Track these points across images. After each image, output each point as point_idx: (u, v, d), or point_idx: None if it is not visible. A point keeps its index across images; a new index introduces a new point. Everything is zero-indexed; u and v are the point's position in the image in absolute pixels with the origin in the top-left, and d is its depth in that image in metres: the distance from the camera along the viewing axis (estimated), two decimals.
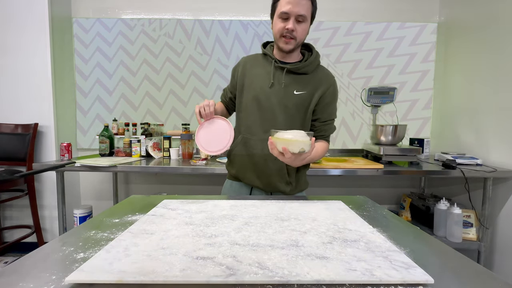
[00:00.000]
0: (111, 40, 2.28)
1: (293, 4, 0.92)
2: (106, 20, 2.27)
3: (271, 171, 1.02)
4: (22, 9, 2.04)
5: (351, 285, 0.40)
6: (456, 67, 2.09)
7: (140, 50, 2.29)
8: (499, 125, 1.70)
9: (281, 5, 0.95)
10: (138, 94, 2.32)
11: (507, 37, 1.66)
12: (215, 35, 2.28)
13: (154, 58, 2.30)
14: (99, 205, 2.35)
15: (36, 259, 0.49)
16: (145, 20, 2.27)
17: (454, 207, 1.63)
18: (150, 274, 0.41)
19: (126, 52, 2.29)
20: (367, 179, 2.38)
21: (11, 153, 2.00)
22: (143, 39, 2.29)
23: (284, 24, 0.95)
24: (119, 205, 0.83)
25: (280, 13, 0.94)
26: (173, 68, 2.30)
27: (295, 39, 0.97)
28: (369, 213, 0.76)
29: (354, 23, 2.27)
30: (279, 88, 1.01)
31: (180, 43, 2.28)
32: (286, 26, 0.94)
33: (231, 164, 1.12)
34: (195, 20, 2.27)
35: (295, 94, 1.01)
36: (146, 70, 2.30)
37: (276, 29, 0.98)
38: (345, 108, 2.31)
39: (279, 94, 1.01)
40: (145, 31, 2.28)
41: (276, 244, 0.52)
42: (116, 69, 2.30)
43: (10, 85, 2.07)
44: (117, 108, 2.32)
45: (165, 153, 1.97)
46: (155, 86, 2.31)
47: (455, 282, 0.42)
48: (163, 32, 2.28)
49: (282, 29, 0.95)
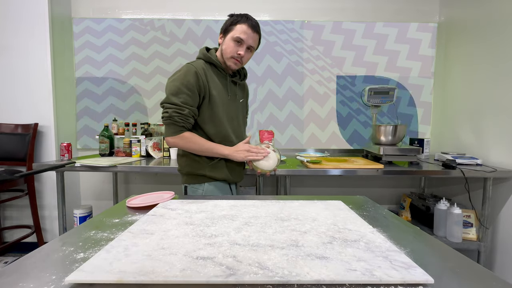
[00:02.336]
0: (111, 40, 2.28)
1: (248, 35, 1.12)
2: (106, 20, 2.27)
3: (242, 167, 1.31)
4: (22, 9, 2.04)
5: (351, 285, 0.40)
6: (456, 67, 2.09)
7: (142, 50, 2.29)
8: (499, 125, 1.70)
9: (237, 31, 1.11)
10: (138, 94, 2.32)
11: (507, 37, 1.65)
12: (215, 35, 2.28)
13: (156, 57, 2.30)
14: (99, 205, 2.35)
15: (36, 259, 0.49)
16: (145, 20, 2.27)
17: (454, 207, 1.63)
18: (150, 274, 0.41)
19: (127, 52, 2.29)
20: (367, 179, 2.38)
21: (11, 153, 1.99)
22: (144, 38, 2.28)
23: (237, 48, 1.12)
24: (119, 205, 0.83)
25: (236, 37, 1.11)
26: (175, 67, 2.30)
27: (241, 63, 1.16)
28: (369, 213, 0.76)
29: (354, 23, 2.27)
30: (235, 99, 1.23)
31: (180, 43, 2.28)
32: (238, 51, 1.12)
33: (216, 169, 1.19)
34: (196, 20, 2.27)
35: (240, 102, 1.27)
36: (148, 70, 2.30)
37: (229, 50, 1.13)
38: (345, 108, 2.31)
39: (236, 104, 1.24)
40: (145, 31, 2.28)
41: (276, 244, 0.52)
42: (117, 69, 2.30)
43: (10, 85, 2.07)
44: (118, 108, 2.32)
45: (165, 153, 1.98)
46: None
47: (455, 282, 0.42)
48: (164, 32, 2.28)
49: (235, 52, 1.13)
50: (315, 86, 2.31)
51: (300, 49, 2.29)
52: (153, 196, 0.90)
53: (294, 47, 2.29)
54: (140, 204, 0.80)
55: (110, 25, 2.27)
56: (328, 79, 2.31)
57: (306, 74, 2.31)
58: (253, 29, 1.12)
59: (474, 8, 1.92)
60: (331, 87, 2.32)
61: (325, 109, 2.33)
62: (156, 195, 0.91)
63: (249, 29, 1.11)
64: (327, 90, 2.32)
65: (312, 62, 2.30)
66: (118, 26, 2.28)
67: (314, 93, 2.32)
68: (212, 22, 2.27)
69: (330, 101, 2.32)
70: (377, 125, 1.85)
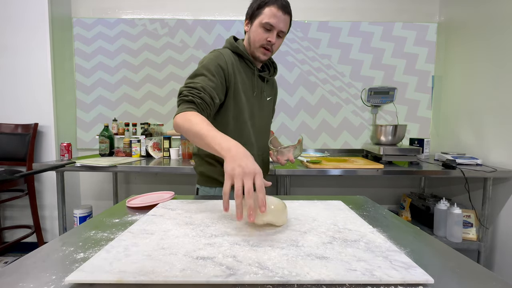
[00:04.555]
0: (111, 40, 2.28)
1: (278, 19, 0.94)
2: (107, 20, 2.27)
3: None
4: (22, 9, 2.04)
5: (351, 285, 0.40)
6: (456, 67, 2.09)
7: (141, 50, 2.29)
8: (499, 125, 1.70)
9: (265, 15, 0.94)
10: (140, 93, 2.31)
11: (508, 37, 1.66)
12: (216, 35, 2.28)
13: (156, 56, 2.30)
14: (99, 205, 2.35)
15: (36, 259, 0.49)
16: (146, 20, 2.27)
17: (454, 207, 1.63)
18: (150, 274, 0.41)
19: (127, 52, 2.29)
20: (367, 179, 2.38)
21: (11, 153, 1.99)
22: (144, 39, 2.29)
23: (267, 35, 0.96)
24: (119, 205, 0.83)
25: (264, 23, 0.94)
26: (174, 67, 2.30)
27: (271, 52, 1.00)
28: (369, 213, 0.76)
29: (355, 23, 2.27)
30: (261, 96, 1.08)
31: (181, 43, 2.29)
32: (269, 38, 0.95)
33: None
34: (196, 20, 2.27)
35: (267, 100, 1.12)
36: (148, 69, 2.30)
37: (258, 38, 0.97)
38: (346, 108, 2.31)
39: (262, 102, 1.09)
40: (145, 30, 2.28)
41: (276, 244, 0.52)
42: (117, 69, 2.30)
43: (10, 85, 2.07)
44: (119, 107, 2.32)
45: (165, 153, 1.97)
46: (157, 85, 2.32)
47: (455, 282, 0.42)
48: (164, 32, 2.28)
49: (264, 40, 0.96)
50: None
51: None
52: (153, 196, 0.90)
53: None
54: (140, 204, 0.80)
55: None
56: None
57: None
58: (284, 11, 0.94)
59: (474, 8, 1.92)
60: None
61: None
62: (156, 195, 0.91)
63: (279, 11, 0.93)
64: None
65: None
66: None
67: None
68: (211, 21, 2.27)
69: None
70: (377, 125, 1.85)
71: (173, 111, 2.31)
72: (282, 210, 0.61)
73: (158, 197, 0.88)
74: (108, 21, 2.27)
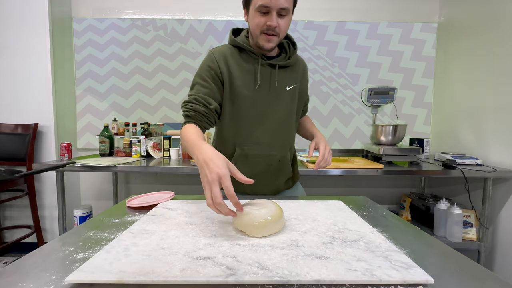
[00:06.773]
0: (112, 40, 2.28)
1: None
2: (107, 20, 2.27)
3: (279, 181, 1.03)
4: (22, 9, 2.04)
5: (351, 285, 0.40)
6: (456, 67, 2.09)
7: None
8: (499, 125, 1.70)
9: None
10: (139, 93, 2.32)
11: (507, 37, 1.65)
12: (216, 35, 2.28)
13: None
14: (99, 205, 2.35)
15: (36, 259, 0.49)
16: (146, 20, 2.27)
17: (454, 207, 1.63)
18: (150, 274, 0.41)
19: (127, 51, 2.29)
20: (367, 179, 2.38)
21: (11, 153, 1.99)
22: (145, 38, 2.28)
23: (265, 19, 0.83)
24: (119, 205, 0.83)
25: (258, 6, 0.81)
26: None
27: (278, 36, 0.86)
28: (369, 213, 0.76)
29: (355, 23, 2.27)
30: (269, 88, 0.93)
31: (181, 43, 2.28)
32: (268, 23, 0.82)
33: None
34: (196, 20, 2.27)
35: (287, 90, 0.96)
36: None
37: (255, 24, 0.85)
38: (345, 108, 2.31)
39: (274, 94, 0.94)
40: (145, 30, 2.28)
41: (276, 244, 0.52)
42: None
43: (10, 85, 2.07)
44: (120, 107, 2.32)
45: (165, 153, 1.97)
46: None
47: (455, 282, 0.42)
48: (164, 32, 2.28)
49: (263, 25, 0.83)
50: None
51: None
52: (153, 196, 0.90)
53: None
54: (140, 204, 0.80)
55: (113, 23, 2.27)
56: None
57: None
58: None
59: (474, 8, 1.92)
60: None
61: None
62: (156, 195, 0.91)
63: None
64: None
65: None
66: (120, 25, 2.28)
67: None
68: (213, 21, 2.27)
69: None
70: (377, 125, 1.85)
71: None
72: (279, 218, 0.59)
73: (158, 197, 0.88)
74: (108, 21, 2.27)
